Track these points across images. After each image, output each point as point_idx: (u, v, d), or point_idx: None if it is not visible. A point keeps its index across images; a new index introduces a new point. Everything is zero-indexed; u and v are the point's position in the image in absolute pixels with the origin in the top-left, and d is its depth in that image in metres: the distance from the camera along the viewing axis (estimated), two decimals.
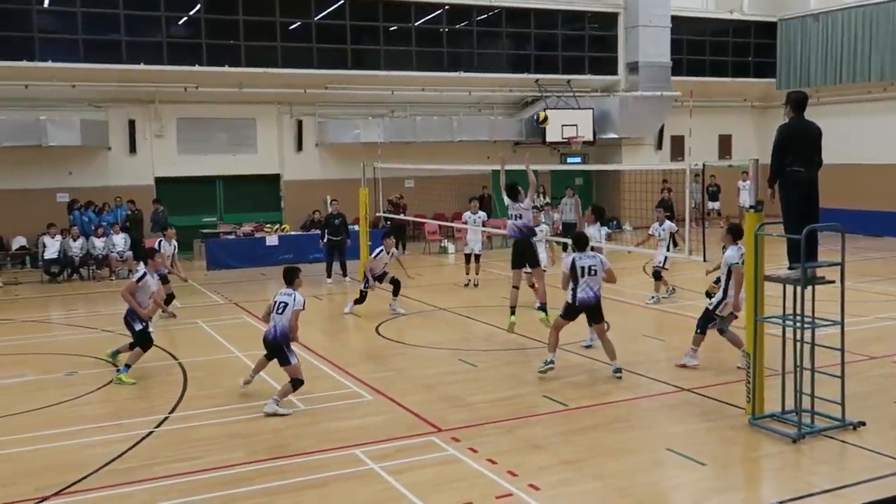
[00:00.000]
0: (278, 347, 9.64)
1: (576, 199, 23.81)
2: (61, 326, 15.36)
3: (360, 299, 15.13)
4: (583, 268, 10.53)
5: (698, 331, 11.02)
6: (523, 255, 12.45)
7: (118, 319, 15.70)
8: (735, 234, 10.74)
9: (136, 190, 23.20)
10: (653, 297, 15.73)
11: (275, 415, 9.35)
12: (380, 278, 15.28)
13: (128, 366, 11.09)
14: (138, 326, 11.26)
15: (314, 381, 10.81)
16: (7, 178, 22.35)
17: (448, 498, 7.03)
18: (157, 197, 23.06)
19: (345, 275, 19.49)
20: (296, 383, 9.58)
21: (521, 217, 12.50)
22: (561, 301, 11.03)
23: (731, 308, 10.80)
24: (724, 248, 10.88)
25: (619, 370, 10.64)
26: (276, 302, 9.75)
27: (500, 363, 11.59)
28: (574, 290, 10.50)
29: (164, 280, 14.45)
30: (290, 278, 9.88)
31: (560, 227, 22.27)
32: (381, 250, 15.19)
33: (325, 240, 19.53)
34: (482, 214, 18.92)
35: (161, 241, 14.95)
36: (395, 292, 15.28)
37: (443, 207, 26.33)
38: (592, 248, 11.16)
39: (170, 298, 14.89)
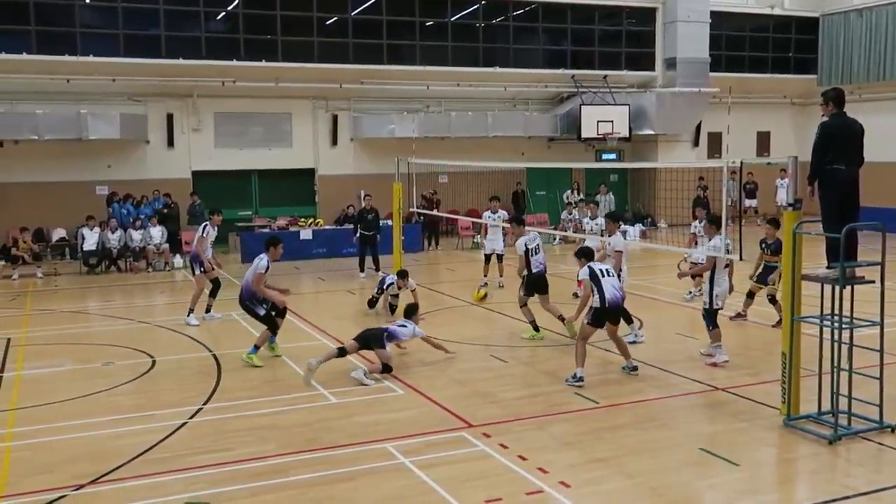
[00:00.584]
0: (378, 337, 10.83)
1: (609, 195, 23.76)
2: (99, 317, 15.60)
3: (372, 302, 15.01)
4: (601, 270, 10.56)
5: (710, 328, 11.13)
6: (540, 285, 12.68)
7: (154, 311, 16.04)
8: (718, 224, 11.32)
9: (174, 183, 23.46)
10: (690, 294, 15.58)
11: (360, 383, 10.28)
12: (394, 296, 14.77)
13: (256, 346, 11.43)
14: (261, 311, 11.60)
15: (346, 375, 10.87)
16: (48, 170, 22.75)
17: (478, 493, 7.02)
18: (193, 190, 23.31)
19: (377, 269, 19.54)
20: (386, 368, 10.63)
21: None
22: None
23: (724, 296, 11.22)
24: (709, 238, 11.55)
25: (635, 368, 10.65)
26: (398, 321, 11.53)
27: (532, 359, 11.55)
28: (601, 293, 10.37)
29: (211, 268, 14.54)
30: (411, 314, 11.51)
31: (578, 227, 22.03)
32: (392, 283, 14.50)
33: (357, 234, 19.58)
34: (502, 213, 18.37)
35: (206, 225, 14.64)
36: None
37: (476, 203, 26.30)
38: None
39: (216, 286, 14.82)
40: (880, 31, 28.06)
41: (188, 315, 14.23)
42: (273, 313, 11.71)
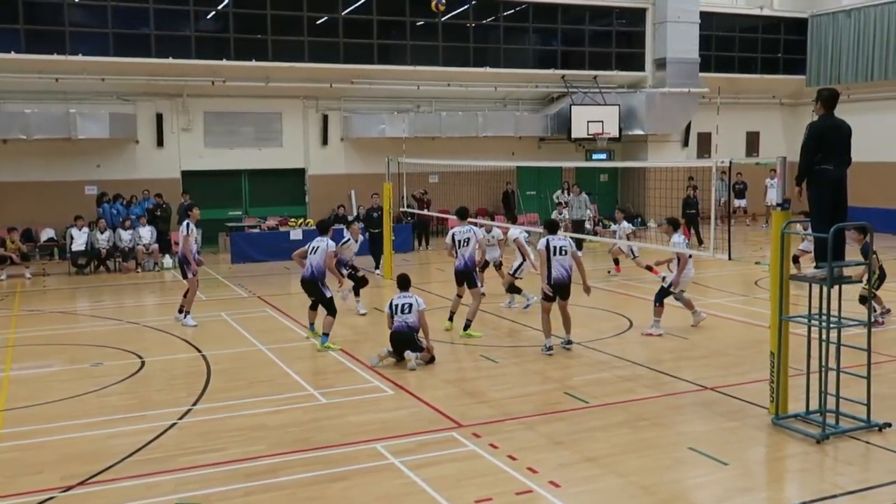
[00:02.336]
0: (411, 338, 11.16)
1: (584, 196, 23.80)
2: (88, 318, 15.54)
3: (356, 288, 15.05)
4: (555, 247, 11.44)
5: (657, 304, 12.72)
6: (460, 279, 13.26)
7: (144, 311, 16.02)
8: (674, 225, 13.19)
9: (163, 183, 23.40)
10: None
11: (411, 368, 10.93)
12: (351, 267, 14.93)
13: (325, 334, 12.18)
14: (328, 293, 12.38)
15: (336, 375, 10.89)
16: (37, 170, 22.66)
17: (468, 493, 7.03)
18: (184, 190, 23.26)
19: (378, 268, 19.67)
20: (431, 360, 11.24)
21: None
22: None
23: (681, 285, 12.95)
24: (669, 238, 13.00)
25: (569, 342, 11.80)
26: (397, 304, 11.31)
27: (522, 359, 11.57)
28: (549, 270, 11.36)
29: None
30: (406, 284, 11.61)
31: (570, 226, 22.01)
32: (349, 238, 14.87)
33: (366, 234, 19.49)
34: (497, 232, 17.72)
35: (188, 223, 14.31)
36: (357, 291, 14.95)
37: (467, 203, 26.22)
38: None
39: None
40: (868, 32, 28.21)
41: (185, 317, 14.19)
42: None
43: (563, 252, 11.49)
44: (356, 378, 10.74)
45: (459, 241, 12.95)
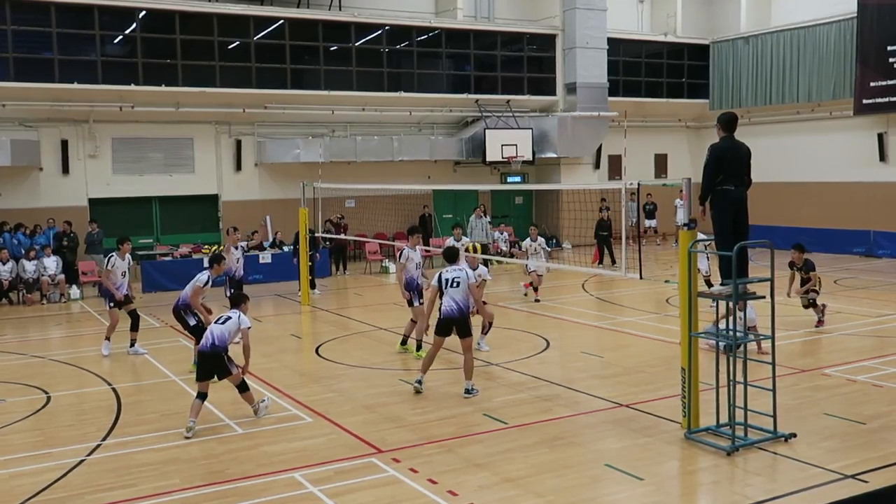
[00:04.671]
0: (217, 359, 9.67)
1: (484, 220, 24.07)
2: None
3: None
4: (446, 280, 10.77)
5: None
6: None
7: (49, 344, 15.42)
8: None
9: (70, 211, 22.66)
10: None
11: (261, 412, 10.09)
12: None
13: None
14: (192, 321, 12.11)
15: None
16: None
17: None
18: (91, 218, 22.58)
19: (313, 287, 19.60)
20: (242, 387, 9.93)
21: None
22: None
23: None
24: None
25: (468, 391, 10.70)
26: (222, 316, 10.07)
27: (441, 383, 11.57)
28: (441, 303, 10.83)
29: (127, 300, 14.02)
30: (237, 302, 10.26)
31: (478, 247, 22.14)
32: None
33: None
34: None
35: (112, 256, 13.88)
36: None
37: (384, 227, 26.31)
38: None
39: (135, 319, 14.05)
40: (766, 58, 29.48)
41: (103, 346, 13.93)
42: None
43: (456, 284, 10.67)
44: (273, 406, 10.55)
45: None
